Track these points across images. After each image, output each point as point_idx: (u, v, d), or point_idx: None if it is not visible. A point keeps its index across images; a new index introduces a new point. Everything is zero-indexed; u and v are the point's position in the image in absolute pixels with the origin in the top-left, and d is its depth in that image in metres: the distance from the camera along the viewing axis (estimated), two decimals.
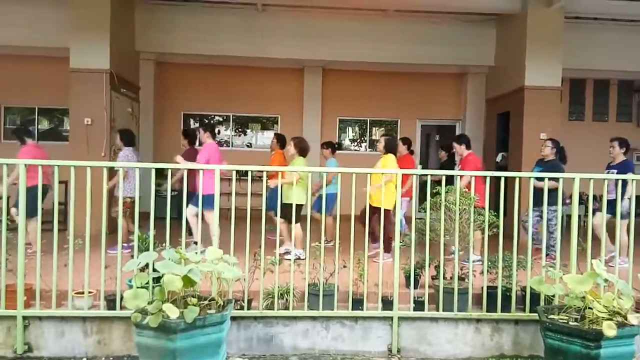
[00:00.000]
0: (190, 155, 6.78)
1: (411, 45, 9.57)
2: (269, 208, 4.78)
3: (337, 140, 7.83)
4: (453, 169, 7.14)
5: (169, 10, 9.16)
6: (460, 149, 6.39)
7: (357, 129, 12.00)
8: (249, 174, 4.14)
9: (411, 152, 7.50)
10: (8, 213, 4.31)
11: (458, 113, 11.11)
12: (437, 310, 4.20)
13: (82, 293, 4.05)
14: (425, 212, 4.24)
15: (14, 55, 10.07)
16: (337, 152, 7.94)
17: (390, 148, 6.25)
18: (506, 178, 4.24)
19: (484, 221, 4.19)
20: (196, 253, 3.59)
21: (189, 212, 5.37)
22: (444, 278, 4.37)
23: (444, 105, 11.18)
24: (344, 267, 4.27)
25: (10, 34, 8.68)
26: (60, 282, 4.00)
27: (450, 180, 4.65)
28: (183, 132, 7.82)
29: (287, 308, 4.14)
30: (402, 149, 7.35)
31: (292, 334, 4.13)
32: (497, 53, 9.52)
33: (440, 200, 4.17)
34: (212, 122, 11.61)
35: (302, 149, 6.35)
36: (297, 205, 5.32)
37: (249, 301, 4.15)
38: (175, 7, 9.19)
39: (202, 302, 3.56)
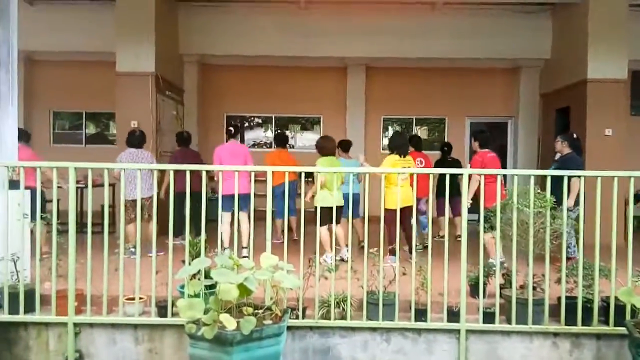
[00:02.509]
0: (180, 157, 6.67)
1: (460, 39, 9.15)
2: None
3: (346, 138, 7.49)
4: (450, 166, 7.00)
5: (210, 11, 9.11)
6: (474, 145, 6.01)
7: (402, 127, 11.62)
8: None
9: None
10: (58, 217, 4.23)
11: (510, 109, 10.56)
12: (509, 322, 3.84)
13: (133, 299, 3.93)
14: (495, 215, 3.88)
15: (61, 61, 10.26)
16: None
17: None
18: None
19: (561, 225, 3.80)
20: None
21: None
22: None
23: (495, 102, 10.63)
24: (404, 274, 3.98)
25: (57, 39, 8.85)
26: (109, 287, 3.88)
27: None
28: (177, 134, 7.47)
29: (343, 318, 3.88)
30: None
31: (350, 346, 3.87)
32: (554, 45, 8.96)
33: (513, 203, 3.80)
34: (252, 123, 11.54)
35: (321, 148, 5.98)
36: (323, 207, 5.11)
37: (303, 309, 3.92)
38: (216, 8, 9.13)
39: (257, 311, 3.35)
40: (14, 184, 4.16)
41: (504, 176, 5.46)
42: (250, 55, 9.49)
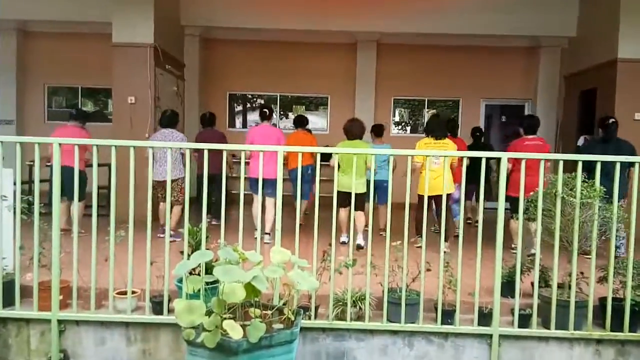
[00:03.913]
0: (205, 138, 6.66)
1: (477, 14, 8.51)
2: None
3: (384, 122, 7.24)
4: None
5: None
6: (521, 131, 5.85)
7: (409, 109, 11.12)
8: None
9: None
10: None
11: (528, 91, 10.02)
12: (547, 327, 3.42)
13: (125, 293, 3.51)
14: (536, 205, 3.43)
15: (56, 33, 9.73)
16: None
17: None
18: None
19: (611, 219, 3.35)
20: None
21: None
22: (549, 286, 3.58)
23: (512, 83, 10.08)
24: (428, 270, 3.54)
25: (52, 8, 8.30)
26: (99, 278, 3.46)
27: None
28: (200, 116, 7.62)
29: (360, 318, 3.46)
30: None
31: (368, 351, 3.45)
32: (581, 21, 8.37)
33: (557, 191, 3.34)
34: (255, 103, 11.05)
35: (346, 132, 5.76)
36: (342, 192, 4.88)
37: (315, 308, 3.50)
38: None
39: (265, 312, 2.92)
40: None
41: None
42: (254, 28, 8.92)
